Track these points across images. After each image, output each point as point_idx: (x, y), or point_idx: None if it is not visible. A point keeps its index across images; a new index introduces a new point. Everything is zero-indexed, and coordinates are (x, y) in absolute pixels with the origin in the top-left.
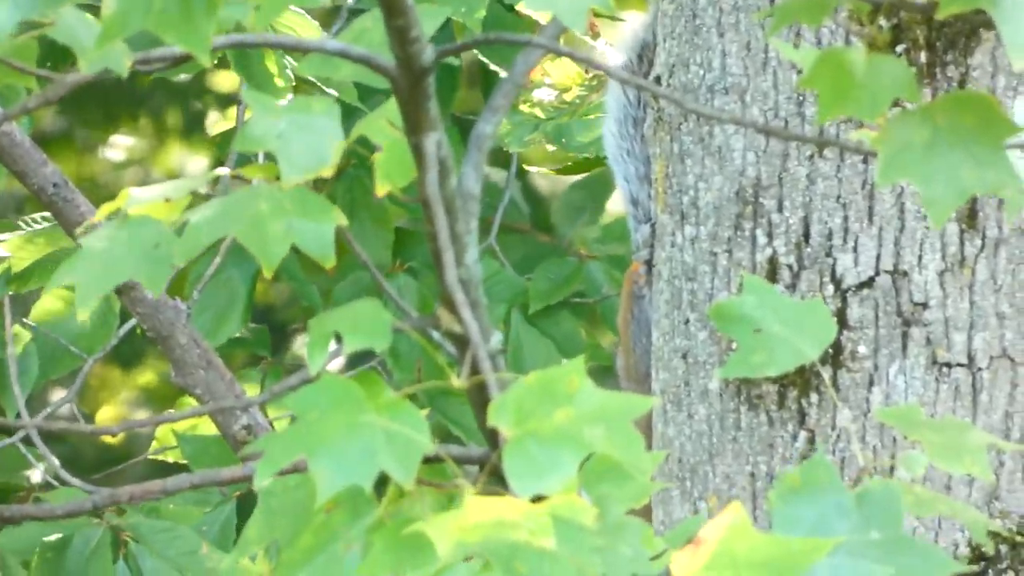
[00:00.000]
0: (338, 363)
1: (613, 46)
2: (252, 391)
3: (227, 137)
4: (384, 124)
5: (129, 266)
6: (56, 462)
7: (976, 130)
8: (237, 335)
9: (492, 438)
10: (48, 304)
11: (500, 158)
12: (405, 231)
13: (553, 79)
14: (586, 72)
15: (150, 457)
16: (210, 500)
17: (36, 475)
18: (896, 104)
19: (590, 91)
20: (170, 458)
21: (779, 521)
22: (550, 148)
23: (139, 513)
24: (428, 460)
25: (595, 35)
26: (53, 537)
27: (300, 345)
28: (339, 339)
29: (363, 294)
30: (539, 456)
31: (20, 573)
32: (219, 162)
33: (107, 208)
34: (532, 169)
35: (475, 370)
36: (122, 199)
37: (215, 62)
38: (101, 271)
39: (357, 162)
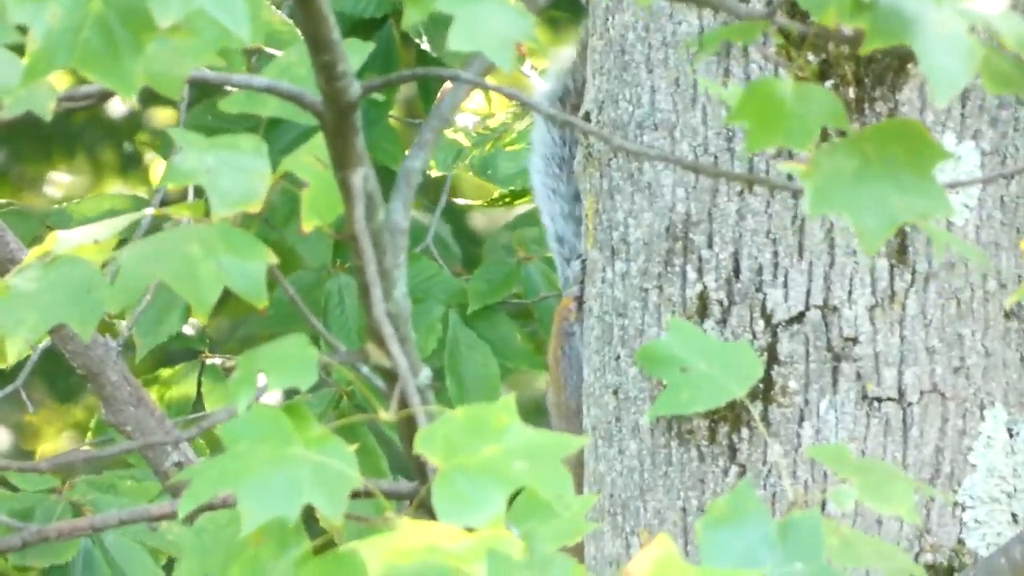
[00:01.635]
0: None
1: (540, 76)
2: (188, 389)
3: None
4: (311, 160)
5: (60, 310)
6: None
7: (905, 158)
8: (177, 332)
9: (420, 471)
10: None
11: (430, 188)
12: None
13: (476, 106)
14: (509, 99)
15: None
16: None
17: None
18: (825, 137)
19: (514, 118)
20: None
21: (707, 552)
22: (475, 178)
23: (96, 490)
24: (357, 495)
25: (520, 56)
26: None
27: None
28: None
29: (303, 296)
30: (467, 490)
31: None
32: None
33: (36, 252)
34: (460, 201)
35: (404, 404)
36: (51, 241)
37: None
38: (31, 314)
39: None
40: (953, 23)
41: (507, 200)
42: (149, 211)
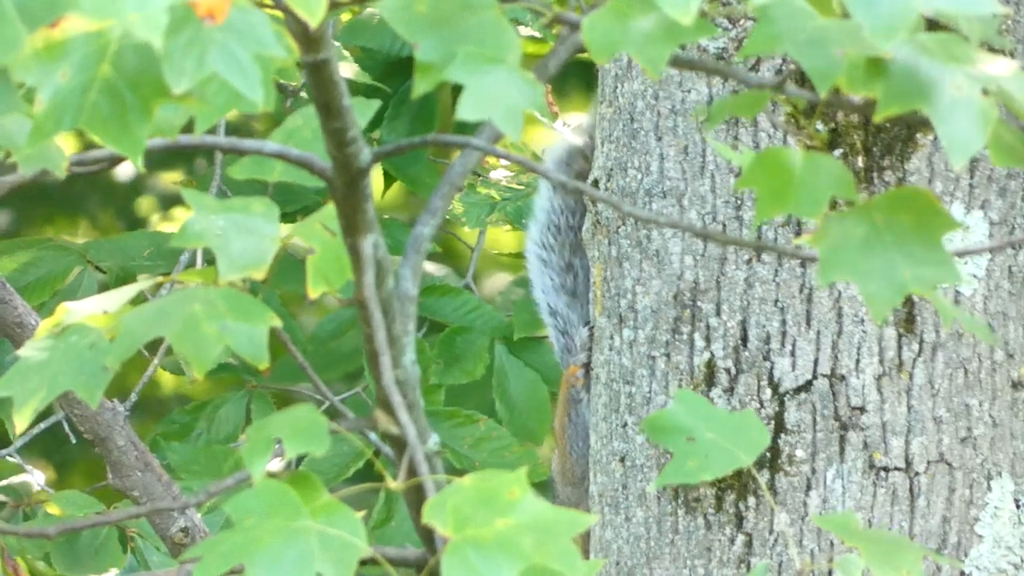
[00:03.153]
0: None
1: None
2: (236, 413)
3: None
4: (318, 227)
5: (66, 377)
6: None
7: (914, 227)
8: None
9: (428, 540)
10: None
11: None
12: None
13: (508, 161)
14: (542, 154)
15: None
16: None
17: None
18: (835, 207)
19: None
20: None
21: None
22: (506, 229)
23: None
24: (364, 562)
25: (552, 116)
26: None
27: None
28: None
29: (335, 338)
30: (478, 564)
31: (38, 562)
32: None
33: (48, 323)
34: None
35: (413, 472)
36: (61, 312)
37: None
38: (38, 384)
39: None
40: (967, 87)
41: None
42: (157, 279)
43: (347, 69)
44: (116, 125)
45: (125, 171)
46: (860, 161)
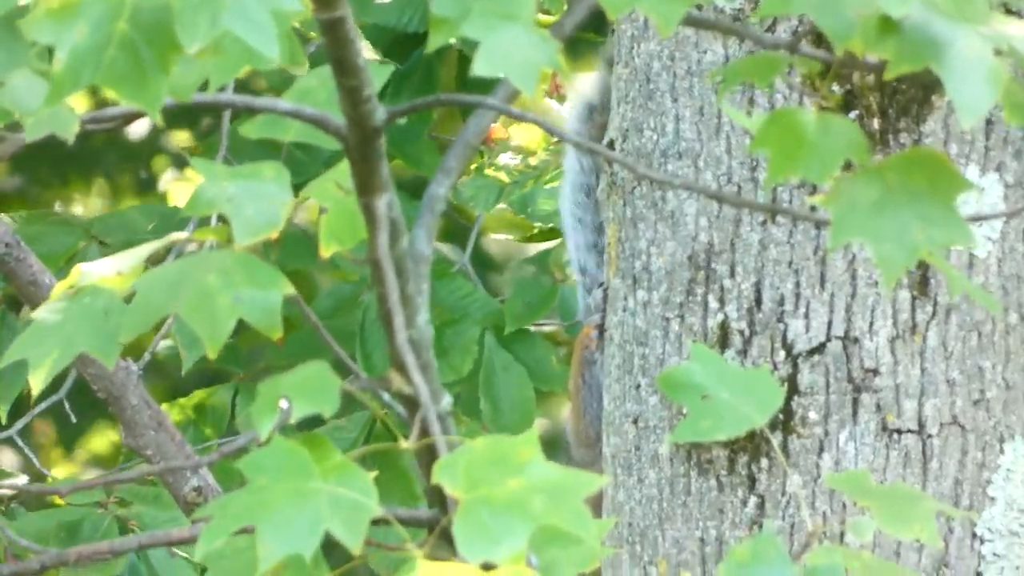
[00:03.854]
0: None
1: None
2: (222, 404)
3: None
4: (332, 186)
5: (81, 339)
6: (6, 527)
7: (927, 188)
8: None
9: (439, 501)
10: None
11: (456, 227)
12: None
13: (518, 142)
14: (549, 135)
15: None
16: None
17: None
18: (848, 167)
19: (554, 155)
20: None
21: None
22: (513, 216)
23: (142, 503)
24: (376, 522)
25: (560, 98)
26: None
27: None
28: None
29: (340, 311)
30: (490, 524)
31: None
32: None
33: (62, 285)
34: (495, 237)
35: (425, 432)
36: (75, 274)
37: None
38: (54, 347)
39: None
40: (978, 46)
41: (543, 236)
42: (171, 236)
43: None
44: (134, 81)
45: (137, 130)
46: (876, 123)
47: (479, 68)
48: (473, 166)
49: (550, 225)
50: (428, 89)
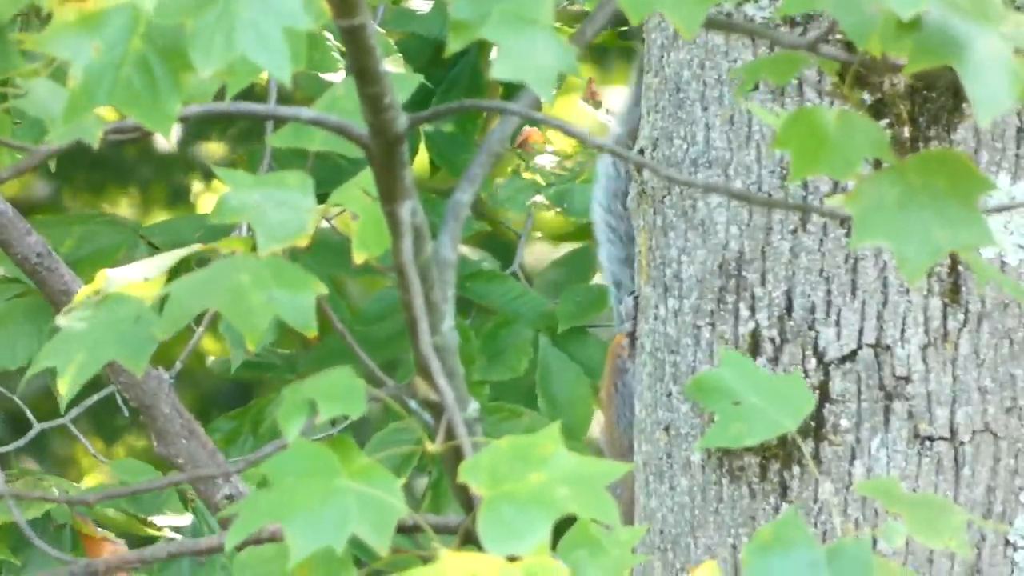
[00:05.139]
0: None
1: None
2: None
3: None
4: (359, 192)
5: (110, 347)
6: (30, 532)
7: (949, 188)
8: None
9: (467, 504)
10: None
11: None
12: None
13: (554, 146)
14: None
15: None
16: None
17: None
18: (878, 166)
19: (591, 157)
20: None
21: None
22: (551, 213)
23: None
24: (406, 529)
25: (596, 104)
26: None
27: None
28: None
29: (389, 315)
30: (513, 518)
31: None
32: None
33: (86, 291)
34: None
35: (451, 438)
36: (100, 280)
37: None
38: (82, 354)
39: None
40: (998, 45)
41: (579, 234)
42: (197, 246)
43: (389, 63)
44: (147, 100)
45: (165, 141)
46: (906, 131)
47: (497, 72)
48: (509, 168)
49: (586, 220)
50: (475, 95)
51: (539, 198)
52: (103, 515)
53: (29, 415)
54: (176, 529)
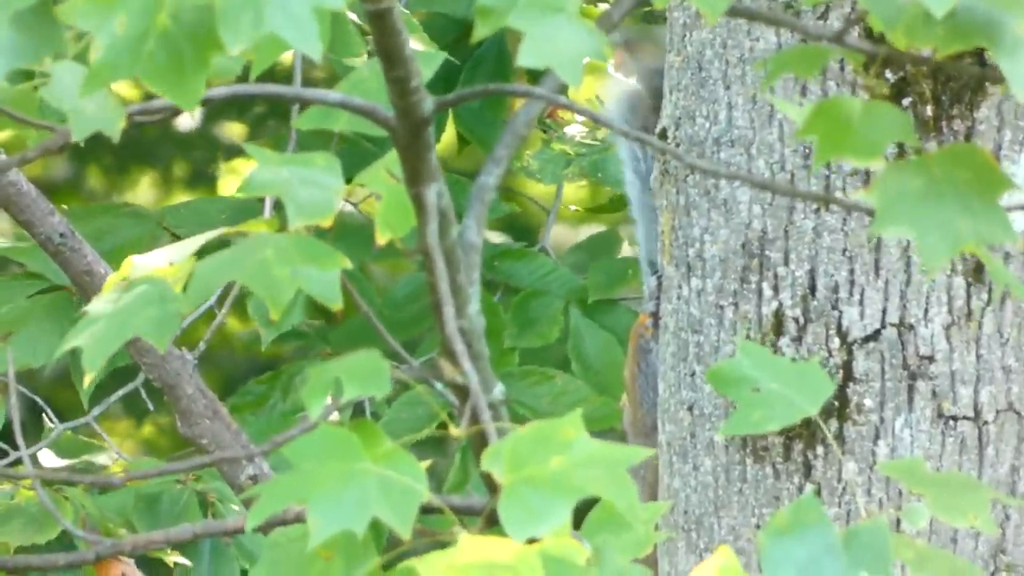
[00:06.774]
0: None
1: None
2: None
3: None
4: (384, 174)
5: (135, 323)
6: (59, 515)
7: (972, 183)
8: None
9: (492, 488)
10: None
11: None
12: None
13: (583, 117)
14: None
15: None
16: None
17: None
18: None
19: None
20: None
21: (769, 561)
22: (578, 187)
23: (217, 479)
24: (430, 510)
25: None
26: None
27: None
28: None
29: (417, 297)
30: (534, 501)
31: (120, 529)
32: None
33: (114, 278)
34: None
35: (476, 420)
36: (127, 267)
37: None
38: (106, 332)
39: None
40: None
41: (611, 207)
42: (222, 228)
43: (414, 41)
44: (172, 76)
45: (187, 121)
46: (929, 110)
47: (524, 59)
48: (538, 141)
49: (620, 192)
50: (501, 75)
51: (572, 170)
52: (116, 532)
53: (51, 415)
54: (184, 553)
